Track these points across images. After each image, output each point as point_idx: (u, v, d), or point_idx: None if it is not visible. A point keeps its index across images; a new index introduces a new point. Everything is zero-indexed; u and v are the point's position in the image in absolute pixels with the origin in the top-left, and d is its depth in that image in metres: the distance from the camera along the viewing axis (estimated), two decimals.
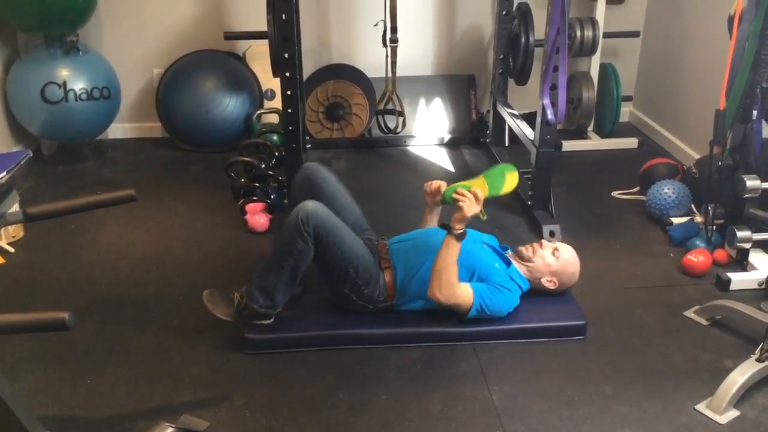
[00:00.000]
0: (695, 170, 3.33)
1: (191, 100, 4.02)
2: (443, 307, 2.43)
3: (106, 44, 4.15)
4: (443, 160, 4.07)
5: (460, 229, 2.33)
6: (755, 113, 2.68)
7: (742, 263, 2.88)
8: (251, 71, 4.17)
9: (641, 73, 4.49)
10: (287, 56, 3.04)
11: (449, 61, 4.40)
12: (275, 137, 3.80)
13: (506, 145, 4.12)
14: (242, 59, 4.20)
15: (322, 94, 4.21)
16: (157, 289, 2.79)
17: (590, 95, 4.10)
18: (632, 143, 4.20)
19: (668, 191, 3.24)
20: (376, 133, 4.19)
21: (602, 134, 4.27)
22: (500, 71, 4.06)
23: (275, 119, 4.05)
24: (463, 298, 2.36)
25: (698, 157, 3.55)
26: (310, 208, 2.33)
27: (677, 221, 3.18)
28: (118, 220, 3.29)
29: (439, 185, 2.57)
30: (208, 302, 2.43)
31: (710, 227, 2.91)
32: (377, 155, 4.13)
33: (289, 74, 3.08)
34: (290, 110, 3.14)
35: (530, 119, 3.51)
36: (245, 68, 4.17)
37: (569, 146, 4.16)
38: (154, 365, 2.35)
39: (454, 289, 2.34)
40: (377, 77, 4.07)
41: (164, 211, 3.43)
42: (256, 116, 4.08)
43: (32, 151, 3.81)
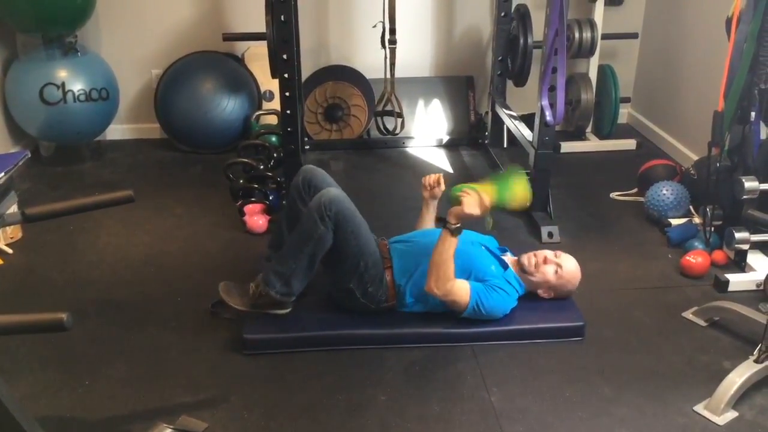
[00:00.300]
0: (693, 171, 3.34)
1: (190, 101, 4.02)
2: (441, 308, 2.44)
3: (104, 45, 4.15)
4: (442, 161, 4.07)
5: (455, 224, 2.30)
6: (753, 115, 2.68)
7: (740, 264, 2.88)
8: (250, 72, 4.17)
9: (640, 74, 4.50)
10: (286, 57, 3.04)
11: (448, 62, 4.40)
12: (274, 138, 3.80)
13: (505, 146, 4.13)
14: (241, 60, 4.20)
15: (320, 95, 4.21)
16: (155, 290, 2.79)
17: (589, 97, 4.10)
18: (631, 144, 4.21)
19: (666, 192, 3.24)
20: (374, 134, 4.19)
21: (601, 135, 4.28)
22: (499, 73, 4.07)
23: (274, 120, 4.05)
24: (459, 294, 2.36)
25: (696, 158, 3.55)
26: (333, 194, 2.33)
27: (675, 222, 3.18)
28: (116, 221, 3.29)
29: (438, 177, 2.57)
30: (223, 293, 2.44)
31: (708, 228, 2.92)
32: (376, 156, 4.13)
33: (287, 75, 3.08)
34: (289, 111, 3.15)
35: (529, 120, 3.51)
36: (244, 69, 4.17)
37: (568, 147, 4.17)
38: (152, 366, 2.35)
39: (450, 284, 2.33)
40: (376, 78, 4.07)
41: (163, 212, 3.43)
42: (254, 117, 4.08)
43: (30, 152, 3.81)
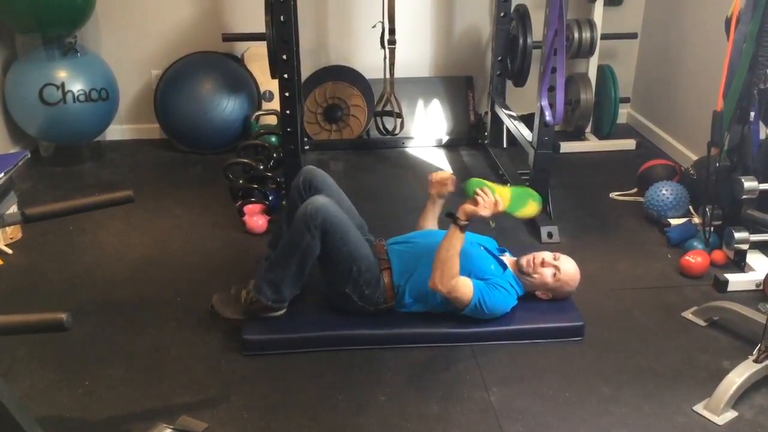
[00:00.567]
0: (693, 172, 3.34)
1: (190, 101, 4.02)
2: (440, 308, 2.44)
3: (104, 46, 4.15)
4: (441, 161, 4.07)
5: (465, 220, 2.31)
6: (752, 115, 2.68)
7: (739, 264, 2.88)
8: (249, 73, 4.17)
9: (639, 74, 4.50)
10: (285, 58, 3.04)
11: (447, 62, 4.40)
12: (273, 139, 3.80)
13: (504, 146, 4.12)
14: (240, 61, 4.20)
15: (320, 95, 4.21)
16: (155, 290, 2.79)
17: (588, 97, 4.10)
18: (630, 145, 4.21)
19: (666, 192, 3.24)
20: (374, 134, 4.19)
21: (600, 136, 4.28)
22: (498, 73, 4.07)
23: (273, 121, 4.05)
24: (463, 291, 2.36)
25: (696, 158, 3.55)
26: (319, 202, 2.34)
27: (675, 222, 3.18)
28: (116, 221, 3.29)
29: (447, 177, 2.58)
30: (217, 306, 2.47)
31: (708, 228, 2.92)
32: (375, 157, 4.13)
33: (287, 76, 3.08)
34: (288, 112, 3.14)
35: (528, 121, 3.51)
36: (243, 70, 4.17)
37: (567, 148, 4.16)
38: (152, 366, 2.35)
39: (455, 280, 2.33)
40: (375, 79, 4.06)
41: (162, 212, 3.43)
42: (254, 118, 4.08)
43: (30, 152, 3.80)
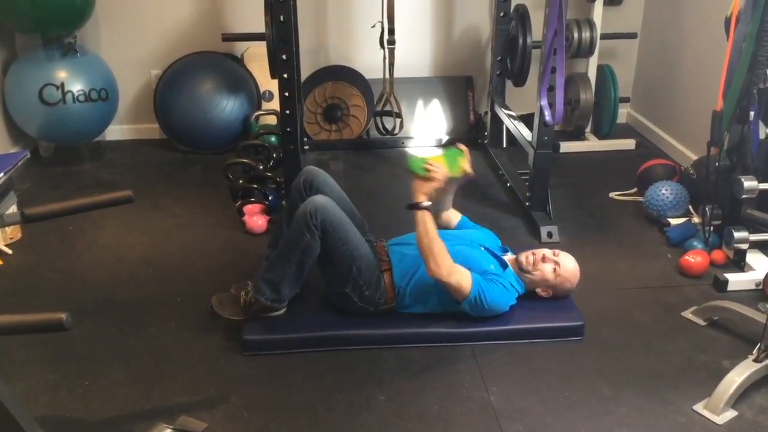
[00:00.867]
0: (693, 171, 3.34)
1: (189, 101, 4.02)
2: (440, 308, 2.44)
3: (104, 46, 4.15)
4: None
5: (426, 200, 2.30)
6: (752, 114, 2.68)
7: (739, 264, 2.88)
8: (249, 73, 4.17)
9: (639, 74, 4.50)
10: (285, 58, 3.04)
11: (447, 62, 4.40)
12: (273, 139, 3.80)
13: (504, 146, 4.13)
14: (240, 61, 4.20)
15: (320, 95, 4.21)
16: (154, 290, 2.78)
17: (588, 97, 4.10)
18: (630, 144, 4.21)
19: (666, 192, 3.24)
20: (374, 134, 4.19)
21: (600, 135, 4.28)
22: (498, 73, 4.07)
23: (273, 121, 4.04)
24: (461, 274, 2.34)
25: (696, 158, 3.55)
26: (318, 202, 2.34)
27: (675, 222, 3.18)
28: (115, 221, 3.28)
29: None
30: (217, 307, 2.47)
31: (708, 228, 2.92)
32: (375, 157, 4.12)
33: (287, 76, 3.08)
34: (288, 112, 3.14)
35: (528, 120, 3.50)
36: (243, 70, 4.17)
37: (567, 147, 4.17)
38: (151, 367, 2.34)
39: (449, 261, 2.32)
40: (375, 79, 4.06)
41: (162, 212, 3.43)
42: (254, 118, 4.07)
43: (30, 152, 3.80)
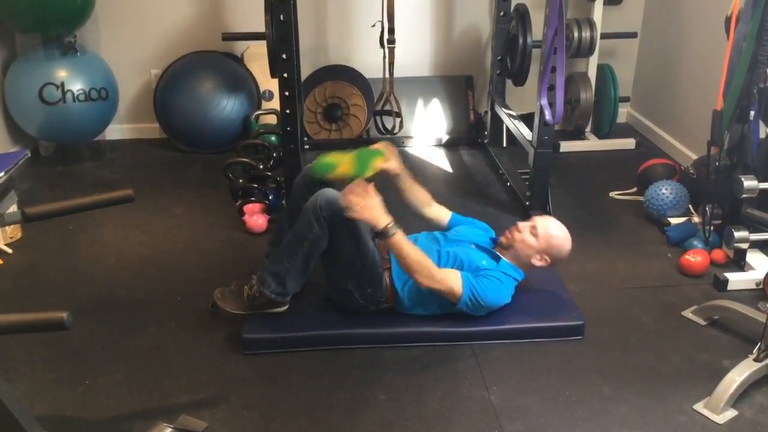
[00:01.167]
0: (693, 171, 3.34)
1: (189, 101, 4.02)
2: (439, 310, 2.44)
3: (104, 45, 4.14)
4: (441, 161, 4.07)
5: (384, 226, 2.27)
6: (752, 114, 2.68)
7: (739, 263, 2.88)
8: (249, 72, 4.17)
9: (639, 73, 4.50)
10: (285, 57, 3.04)
11: (447, 62, 4.40)
12: (273, 138, 3.80)
13: (504, 146, 4.13)
14: (240, 60, 4.20)
15: (320, 95, 4.21)
16: (155, 289, 2.79)
17: (588, 96, 4.10)
18: (630, 144, 4.21)
19: (666, 192, 3.24)
20: (374, 134, 4.19)
21: (600, 135, 4.28)
22: (498, 72, 4.07)
23: (273, 120, 4.04)
24: (449, 277, 2.34)
25: (696, 157, 3.56)
26: (329, 195, 2.33)
27: (675, 221, 3.18)
28: (116, 220, 3.28)
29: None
30: (219, 300, 2.45)
31: (708, 227, 2.92)
32: None
33: (287, 75, 3.08)
34: (288, 111, 3.14)
35: (528, 120, 3.51)
36: (243, 69, 4.17)
37: (567, 147, 4.17)
38: (152, 366, 2.35)
39: (435, 270, 2.32)
40: (375, 78, 4.06)
41: (162, 211, 3.43)
42: (254, 117, 4.07)
43: (30, 151, 3.81)
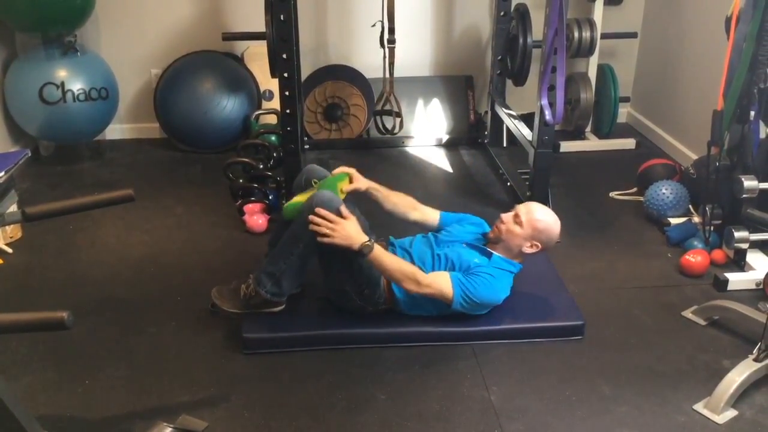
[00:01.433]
0: (693, 171, 3.34)
1: (189, 100, 4.02)
2: (436, 312, 2.44)
3: (104, 45, 4.14)
4: (441, 161, 4.07)
5: (359, 246, 2.26)
6: (752, 114, 2.68)
7: (739, 263, 2.88)
8: (249, 72, 4.17)
9: (639, 74, 4.50)
10: (285, 57, 3.04)
11: (447, 62, 4.40)
12: (273, 138, 3.80)
13: (504, 146, 4.13)
14: (240, 60, 4.20)
15: (320, 94, 4.21)
16: (155, 289, 2.79)
17: (588, 96, 4.10)
18: (630, 144, 4.21)
19: (666, 192, 3.24)
20: (374, 134, 4.19)
21: (600, 135, 4.28)
22: (498, 72, 4.07)
23: (273, 120, 4.04)
24: (438, 282, 2.35)
25: (696, 157, 3.55)
26: (325, 196, 2.34)
27: (675, 222, 3.18)
28: (116, 220, 3.29)
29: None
30: (216, 299, 2.46)
31: (708, 228, 2.92)
32: (375, 156, 4.12)
33: (287, 75, 3.08)
34: (288, 111, 3.14)
35: (528, 120, 3.51)
36: (243, 69, 4.17)
37: (567, 147, 4.16)
38: (152, 365, 2.35)
39: (421, 276, 2.32)
40: (375, 78, 4.06)
41: (162, 211, 3.43)
42: (254, 117, 4.07)
43: (30, 151, 3.80)
